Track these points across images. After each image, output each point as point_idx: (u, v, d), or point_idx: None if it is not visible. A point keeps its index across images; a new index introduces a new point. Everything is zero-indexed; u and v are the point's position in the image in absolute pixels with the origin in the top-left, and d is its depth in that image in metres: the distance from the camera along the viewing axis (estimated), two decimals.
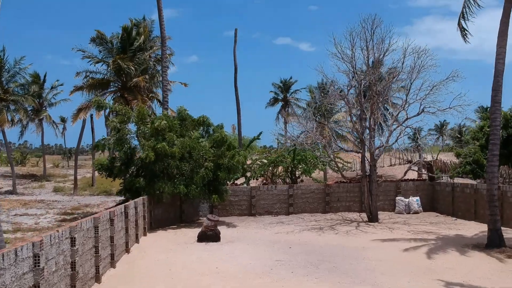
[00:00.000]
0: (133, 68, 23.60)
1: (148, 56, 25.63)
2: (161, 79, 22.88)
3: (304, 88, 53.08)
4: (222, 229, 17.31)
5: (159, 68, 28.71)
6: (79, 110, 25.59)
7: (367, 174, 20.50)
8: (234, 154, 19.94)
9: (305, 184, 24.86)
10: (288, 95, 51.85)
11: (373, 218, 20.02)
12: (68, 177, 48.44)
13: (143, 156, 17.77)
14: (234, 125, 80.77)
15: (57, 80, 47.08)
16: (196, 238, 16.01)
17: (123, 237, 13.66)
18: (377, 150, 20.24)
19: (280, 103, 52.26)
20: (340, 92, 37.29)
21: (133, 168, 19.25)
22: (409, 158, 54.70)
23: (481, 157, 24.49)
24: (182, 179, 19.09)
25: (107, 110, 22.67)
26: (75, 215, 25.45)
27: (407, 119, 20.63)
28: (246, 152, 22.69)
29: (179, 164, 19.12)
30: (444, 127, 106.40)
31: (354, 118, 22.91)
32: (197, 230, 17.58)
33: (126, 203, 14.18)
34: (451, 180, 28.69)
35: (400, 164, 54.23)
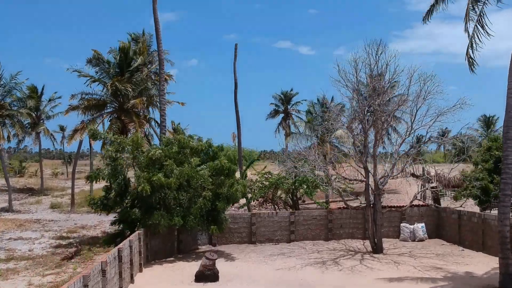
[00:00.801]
0: (130, 89, 23.02)
1: (146, 75, 24.99)
2: (159, 99, 22.27)
3: (305, 100, 52.62)
4: (220, 263, 16.65)
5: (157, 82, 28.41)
6: (75, 131, 24.97)
7: (371, 203, 19.82)
8: (233, 183, 19.30)
9: (307, 210, 24.20)
10: (289, 107, 51.33)
11: (377, 249, 19.34)
12: (66, 191, 47.65)
13: (139, 190, 17.15)
14: (235, 134, 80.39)
15: (55, 92, 46.77)
16: (194, 278, 15.33)
17: (117, 282, 13.00)
18: (381, 179, 19.57)
19: (281, 115, 51.75)
20: (341, 108, 36.56)
21: (128, 198, 18.60)
22: (412, 171, 54.10)
23: (488, 182, 23.80)
24: (179, 210, 18.44)
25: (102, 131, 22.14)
26: (71, 239, 24.80)
27: (412, 147, 20.02)
28: (246, 181, 21.98)
29: (176, 194, 18.48)
30: (446, 134, 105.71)
31: (355, 132, 22.29)
32: (195, 264, 16.95)
33: (120, 246, 13.51)
34: (455, 201, 28.01)
35: (402, 176, 53.61)
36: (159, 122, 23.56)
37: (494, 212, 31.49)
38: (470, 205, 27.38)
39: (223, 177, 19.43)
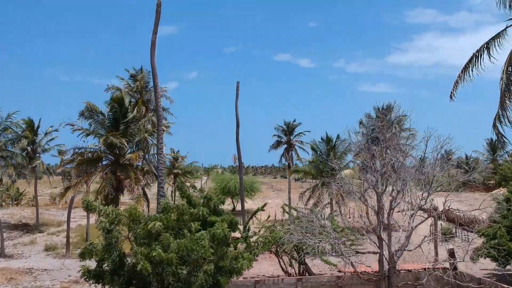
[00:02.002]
0: (125, 143, 21.79)
1: (143, 124, 23.80)
2: (157, 158, 21.06)
3: (308, 131, 51.58)
4: None
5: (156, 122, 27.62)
6: (67, 188, 23.60)
7: (385, 275, 18.34)
8: (237, 256, 17.84)
9: (315, 276, 22.73)
10: (291, 138, 50.12)
11: None
12: (63, 226, 46.10)
13: (138, 269, 15.73)
14: (235, 156, 79.22)
15: (51, 126, 45.60)
16: None
17: None
18: (397, 251, 18.14)
19: (284, 146, 50.50)
20: (347, 146, 34.97)
21: (124, 275, 17.13)
22: (420, 203, 52.57)
23: (507, 242, 22.38)
24: (178, 286, 16.97)
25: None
26: None
27: (429, 216, 18.66)
28: (250, 255, 20.49)
29: (175, 269, 17.01)
30: (449, 156, 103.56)
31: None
32: None
33: None
34: (474, 262, 26.43)
35: (409, 209, 52.07)
36: (156, 174, 22.23)
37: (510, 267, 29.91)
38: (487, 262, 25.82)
39: (225, 248, 17.98)
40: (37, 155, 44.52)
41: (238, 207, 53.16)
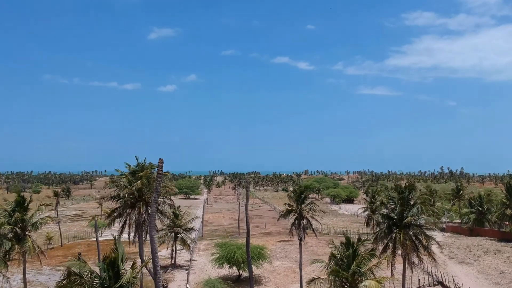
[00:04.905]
0: None
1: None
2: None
3: (318, 193, 47.71)
4: None
5: None
6: None
7: None
8: None
9: None
10: (303, 207, 46.42)
11: None
12: None
13: None
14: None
15: (42, 204, 41.93)
16: None
17: None
18: None
19: (294, 216, 46.84)
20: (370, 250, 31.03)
21: None
22: (441, 279, 48.93)
23: None
24: None
25: None
26: None
27: None
28: None
29: None
30: (461, 192, 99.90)
31: None
32: None
33: None
34: None
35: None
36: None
37: None
38: None
39: None
40: (27, 233, 40.81)
41: (244, 273, 49.72)
